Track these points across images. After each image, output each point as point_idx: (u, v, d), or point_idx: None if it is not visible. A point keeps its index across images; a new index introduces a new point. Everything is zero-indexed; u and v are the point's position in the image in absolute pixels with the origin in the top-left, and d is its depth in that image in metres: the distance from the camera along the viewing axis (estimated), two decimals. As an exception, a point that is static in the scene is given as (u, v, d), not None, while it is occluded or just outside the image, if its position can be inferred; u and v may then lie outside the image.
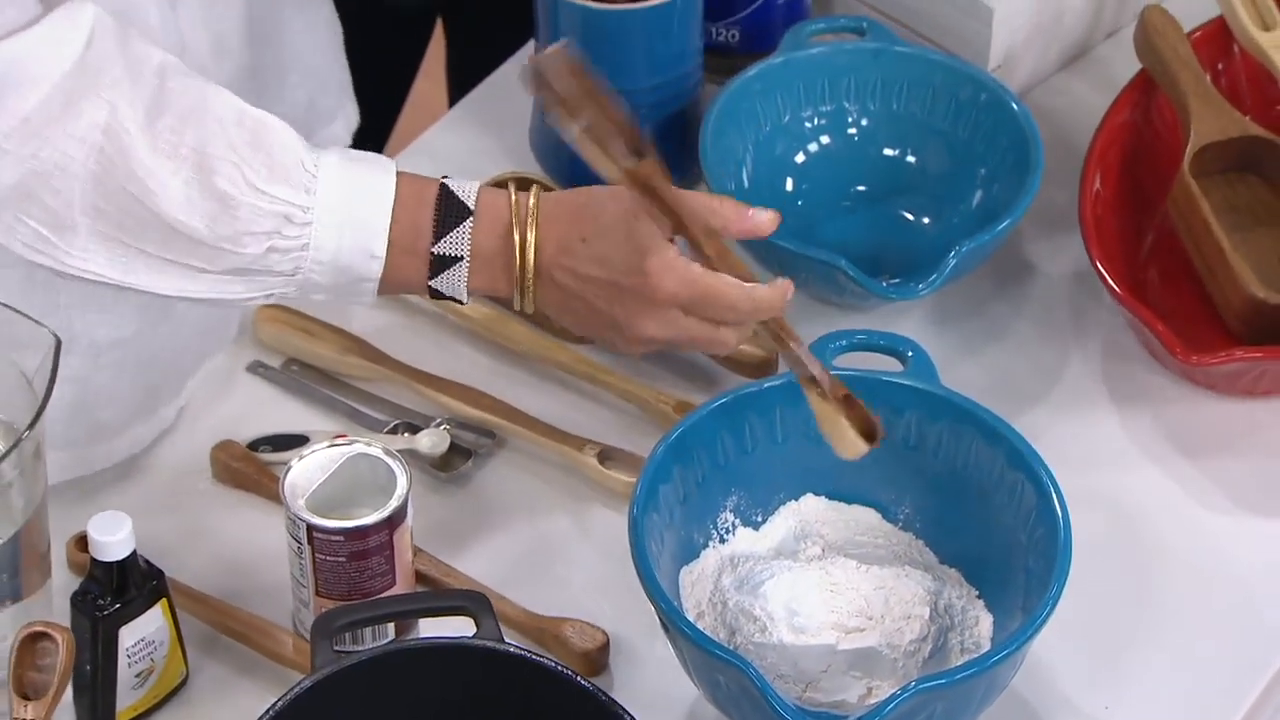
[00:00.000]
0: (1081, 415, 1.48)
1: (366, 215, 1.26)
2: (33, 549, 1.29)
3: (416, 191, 1.28)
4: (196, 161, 1.24)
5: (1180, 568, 1.40)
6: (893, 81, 1.55)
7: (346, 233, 1.26)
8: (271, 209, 1.25)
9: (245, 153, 1.25)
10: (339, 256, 1.27)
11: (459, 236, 1.27)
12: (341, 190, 1.26)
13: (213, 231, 1.25)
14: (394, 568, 1.32)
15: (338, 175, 1.26)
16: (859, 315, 1.51)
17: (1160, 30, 1.55)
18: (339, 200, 1.26)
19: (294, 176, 1.25)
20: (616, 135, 1.23)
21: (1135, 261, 1.53)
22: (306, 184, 1.26)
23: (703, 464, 1.35)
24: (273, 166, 1.25)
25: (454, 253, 1.27)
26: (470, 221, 1.27)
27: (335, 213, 1.26)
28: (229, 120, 1.25)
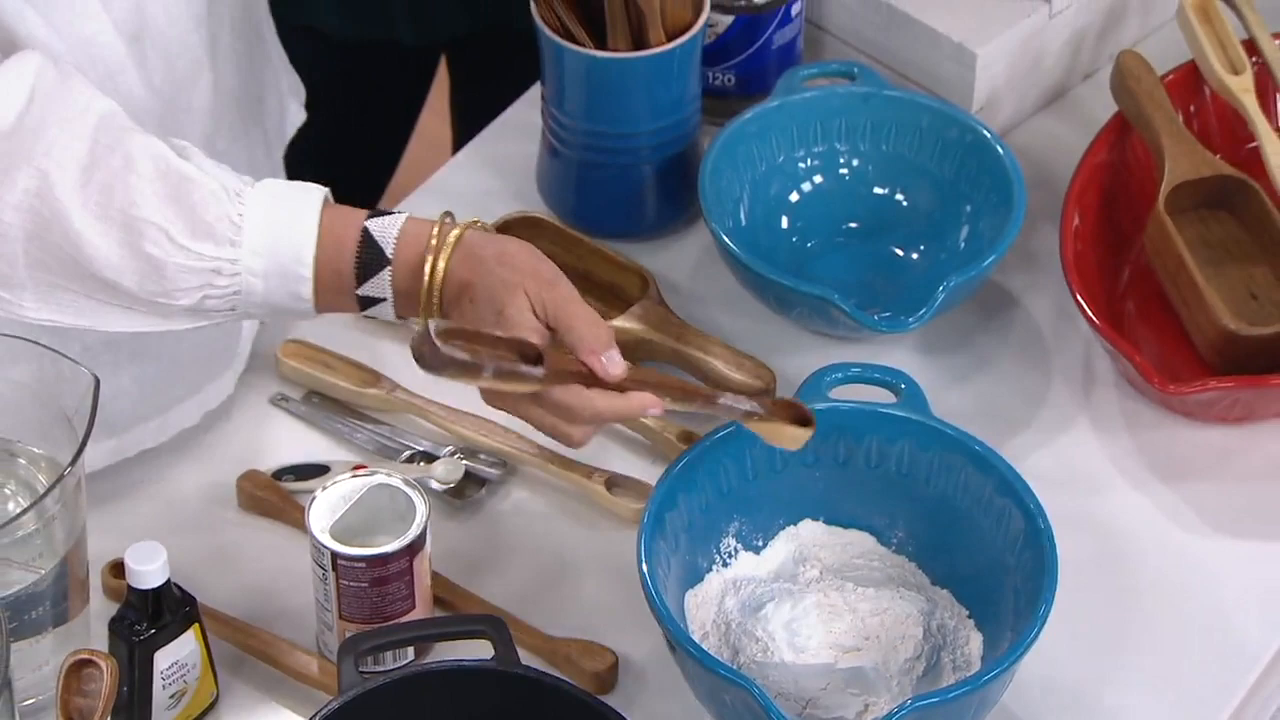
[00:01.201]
0: (1064, 441, 1.52)
1: (289, 261, 1.29)
2: (74, 577, 1.33)
3: (338, 236, 1.29)
4: (124, 223, 1.27)
5: (1159, 588, 1.44)
6: (882, 123, 1.59)
7: (273, 279, 1.29)
8: (199, 265, 1.28)
9: (169, 211, 1.27)
10: (269, 299, 1.30)
11: (379, 282, 1.30)
12: (265, 240, 1.28)
13: (143, 289, 1.28)
14: (414, 592, 1.37)
15: (262, 225, 1.28)
16: (852, 346, 1.55)
17: (1134, 74, 1.59)
18: (263, 251, 1.28)
19: (218, 231, 1.28)
20: (513, 359, 1.26)
21: (1113, 294, 1.57)
22: (231, 237, 1.28)
23: (706, 492, 1.40)
24: (195, 223, 1.28)
25: (377, 294, 1.30)
26: (389, 270, 1.30)
27: (261, 262, 1.29)
28: (154, 176, 1.27)
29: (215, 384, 1.52)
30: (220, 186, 1.29)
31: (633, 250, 1.60)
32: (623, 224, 1.63)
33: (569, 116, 1.59)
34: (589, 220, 1.62)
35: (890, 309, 1.52)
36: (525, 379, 1.26)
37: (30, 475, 1.35)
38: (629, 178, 1.60)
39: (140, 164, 1.28)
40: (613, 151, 1.59)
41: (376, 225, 1.30)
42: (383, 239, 1.30)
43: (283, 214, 1.29)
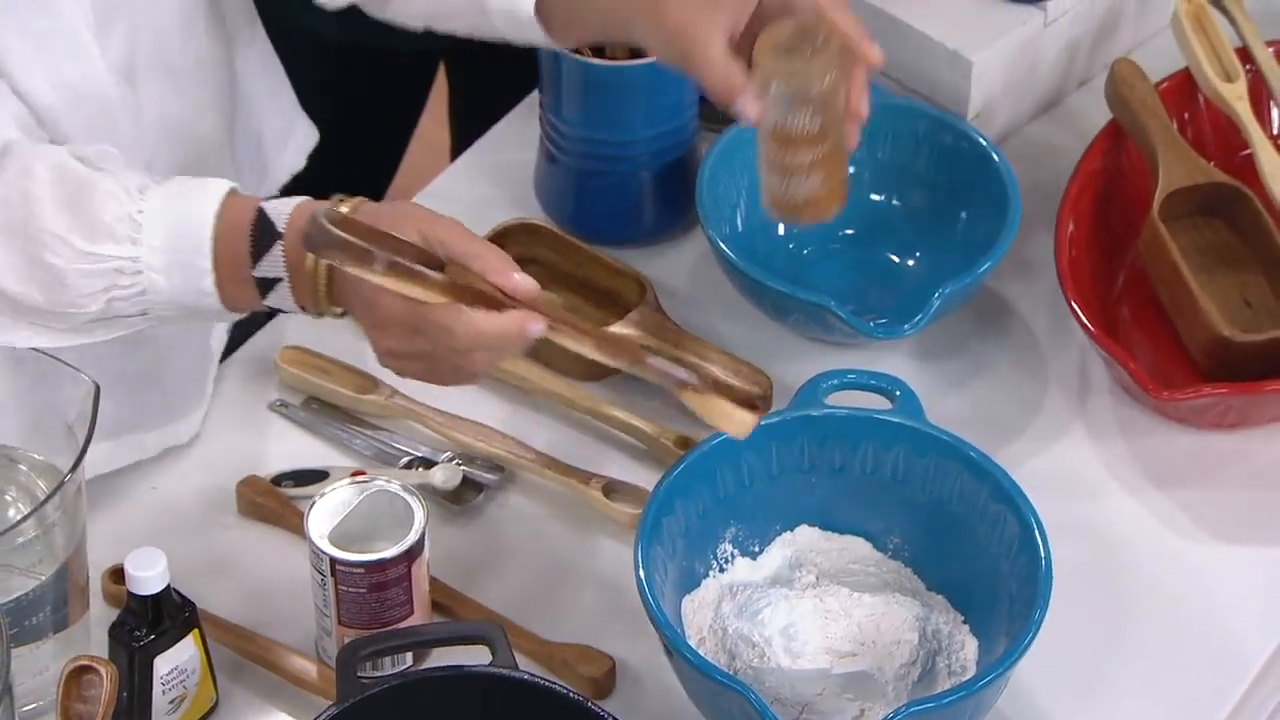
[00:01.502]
0: (1059, 447, 1.53)
1: (188, 256, 1.28)
2: (74, 583, 1.34)
3: (235, 220, 1.28)
4: (25, 234, 1.27)
5: (1154, 593, 1.45)
6: (879, 131, 1.59)
7: (175, 274, 1.28)
8: (101, 268, 1.28)
9: (66, 218, 1.27)
10: (175, 296, 1.29)
11: (273, 259, 1.28)
12: (165, 234, 1.28)
13: (50, 300, 1.28)
14: (412, 598, 1.37)
15: (161, 220, 1.28)
16: (848, 352, 1.56)
17: (1129, 82, 1.60)
18: (162, 245, 1.28)
19: (118, 231, 1.27)
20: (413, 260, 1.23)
21: (1108, 301, 1.58)
22: (131, 235, 1.28)
23: (703, 498, 1.40)
24: (94, 226, 1.27)
25: (273, 274, 1.28)
26: (280, 243, 1.27)
27: (161, 256, 1.28)
28: (50, 183, 1.27)
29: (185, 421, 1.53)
30: (120, 187, 1.28)
31: (630, 257, 1.61)
32: (620, 230, 1.63)
33: (567, 124, 1.59)
34: (587, 227, 1.62)
35: (886, 315, 1.53)
36: (421, 280, 1.22)
37: (30, 482, 1.35)
38: (627, 185, 1.61)
39: (37, 172, 1.28)
40: (610, 159, 1.60)
41: (272, 205, 1.29)
42: (276, 216, 1.28)
43: (182, 207, 1.29)
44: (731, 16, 1.31)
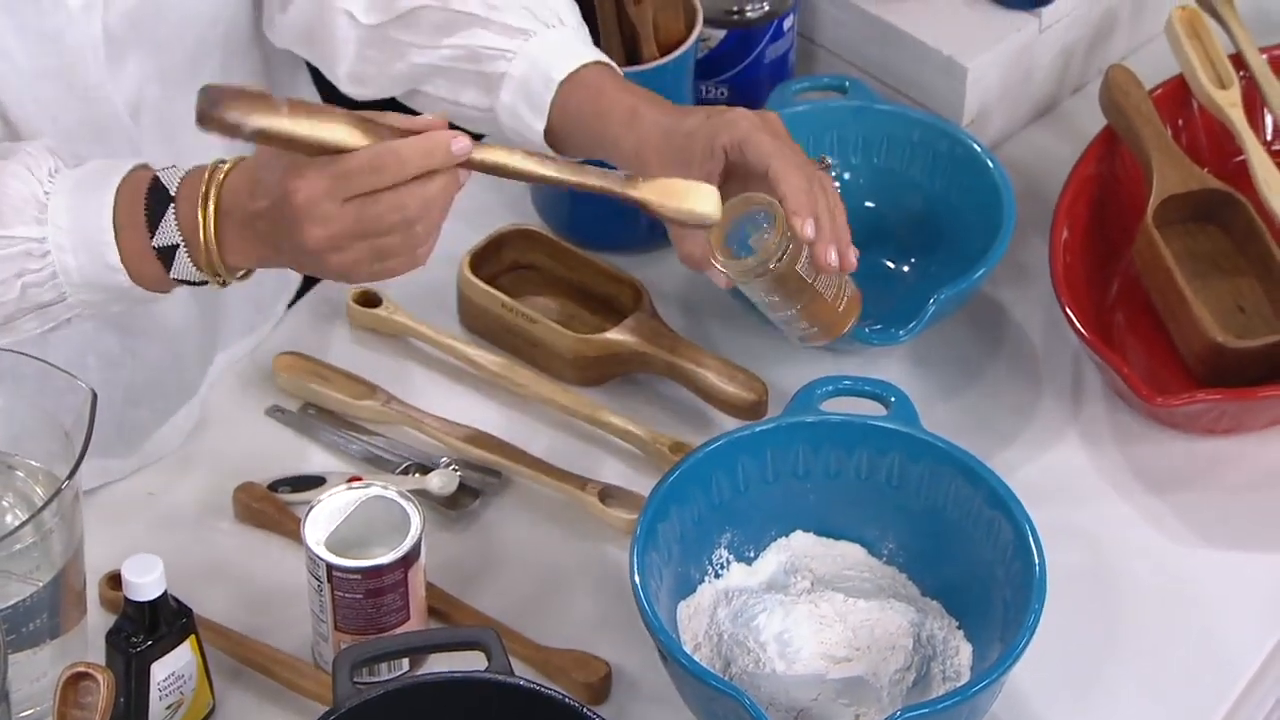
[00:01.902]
0: (1053, 452, 1.53)
1: (91, 230, 1.27)
2: (71, 589, 1.34)
3: (132, 193, 1.27)
4: None
5: (1148, 598, 1.45)
6: (873, 137, 1.61)
7: (81, 252, 1.28)
8: (10, 251, 1.28)
9: None
10: (84, 275, 1.29)
11: (168, 225, 1.27)
12: (68, 212, 1.28)
13: None
14: (408, 603, 1.38)
15: (66, 199, 1.28)
16: (843, 358, 1.56)
17: (1123, 88, 1.61)
18: (66, 222, 1.28)
19: (25, 212, 1.28)
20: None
21: (1102, 306, 1.58)
22: (37, 215, 1.28)
23: (698, 504, 1.41)
24: (2, 209, 1.28)
25: (170, 241, 1.27)
26: (173, 207, 1.27)
27: (66, 235, 1.28)
28: None
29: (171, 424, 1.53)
30: (27, 169, 1.29)
31: (627, 263, 1.62)
32: (617, 237, 1.64)
33: (563, 130, 1.60)
34: (583, 233, 1.63)
35: (882, 321, 1.53)
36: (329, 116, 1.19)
37: (28, 488, 1.36)
38: (623, 191, 1.61)
39: None
40: (607, 164, 1.59)
41: (166, 173, 1.28)
42: (169, 182, 1.28)
43: (89, 184, 1.29)
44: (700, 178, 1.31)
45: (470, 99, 1.41)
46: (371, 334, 1.60)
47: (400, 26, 1.41)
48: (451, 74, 1.41)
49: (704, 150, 1.33)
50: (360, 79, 1.45)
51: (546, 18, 1.39)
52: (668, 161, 1.34)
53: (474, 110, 1.42)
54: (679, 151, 1.34)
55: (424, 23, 1.41)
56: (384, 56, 1.42)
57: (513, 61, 1.38)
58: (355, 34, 1.42)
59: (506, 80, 1.39)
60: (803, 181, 1.32)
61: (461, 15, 1.39)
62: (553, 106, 1.38)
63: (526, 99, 1.38)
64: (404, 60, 1.42)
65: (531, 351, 1.57)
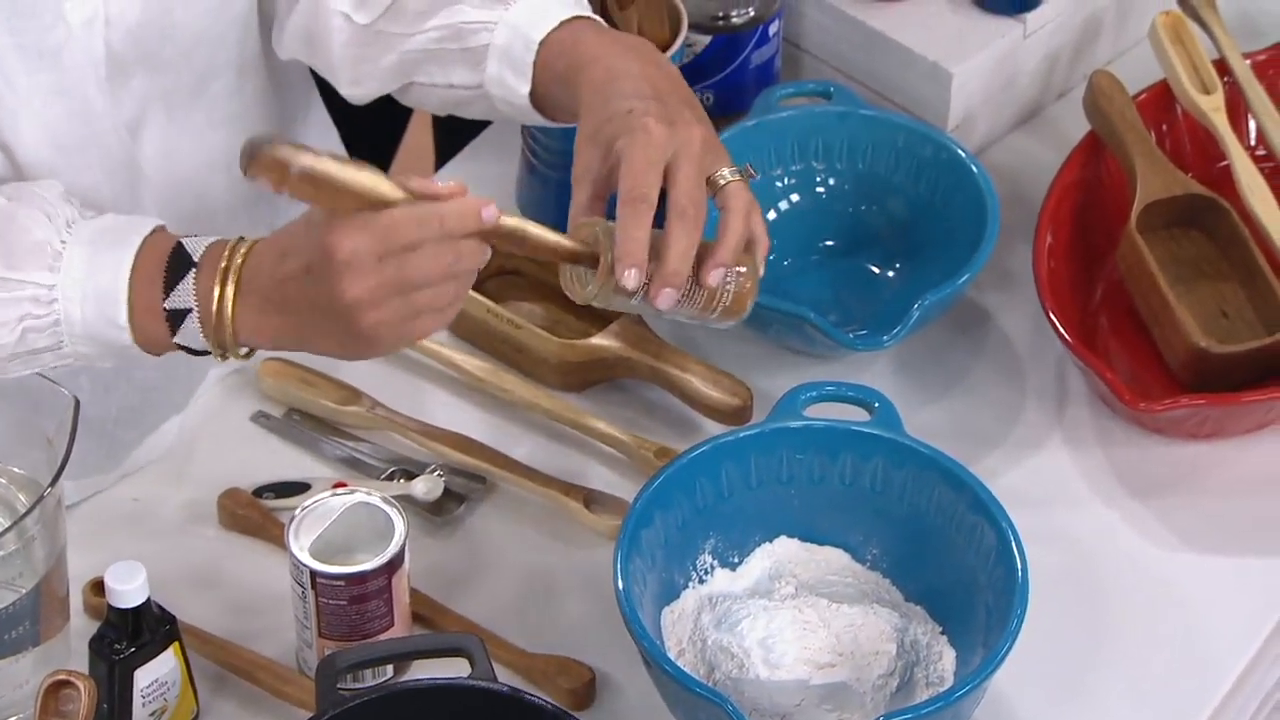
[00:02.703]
0: (1037, 457, 1.53)
1: (105, 284, 1.28)
2: (53, 596, 1.34)
3: (154, 254, 1.28)
4: None
5: (1131, 603, 1.45)
6: (858, 142, 1.61)
7: (89, 304, 1.28)
8: (17, 295, 1.28)
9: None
10: (88, 328, 1.29)
11: (184, 288, 1.28)
12: (83, 264, 1.28)
13: None
14: (392, 610, 1.38)
15: (83, 250, 1.28)
16: (828, 364, 1.56)
17: (1107, 93, 1.61)
18: (80, 274, 1.28)
19: (38, 259, 1.28)
20: None
21: (1086, 311, 1.58)
22: (50, 263, 1.28)
23: (682, 509, 1.41)
24: (13, 254, 1.27)
25: (183, 305, 1.28)
26: (193, 273, 1.27)
27: (77, 286, 1.28)
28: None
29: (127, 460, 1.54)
30: (45, 215, 1.29)
31: (611, 268, 1.62)
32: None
33: (547, 136, 1.60)
34: (567, 238, 1.63)
35: (866, 327, 1.54)
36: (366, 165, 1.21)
37: (11, 495, 1.36)
38: (607, 197, 1.61)
39: None
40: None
41: (191, 241, 1.29)
42: (193, 249, 1.29)
43: (108, 239, 1.29)
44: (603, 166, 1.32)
45: (460, 78, 1.41)
46: (357, 340, 1.60)
47: (388, 19, 1.41)
48: (439, 56, 1.40)
49: (607, 142, 1.31)
50: (357, 80, 1.45)
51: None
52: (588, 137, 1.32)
53: (465, 90, 1.41)
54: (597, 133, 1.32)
55: (407, 10, 1.41)
56: (376, 52, 1.43)
57: (494, 31, 1.38)
58: (349, 35, 1.43)
59: (491, 51, 1.38)
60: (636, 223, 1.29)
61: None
62: (535, 68, 1.37)
63: (510, 65, 1.38)
64: (393, 51, 1.42)
65: (516, 357, 1.57)
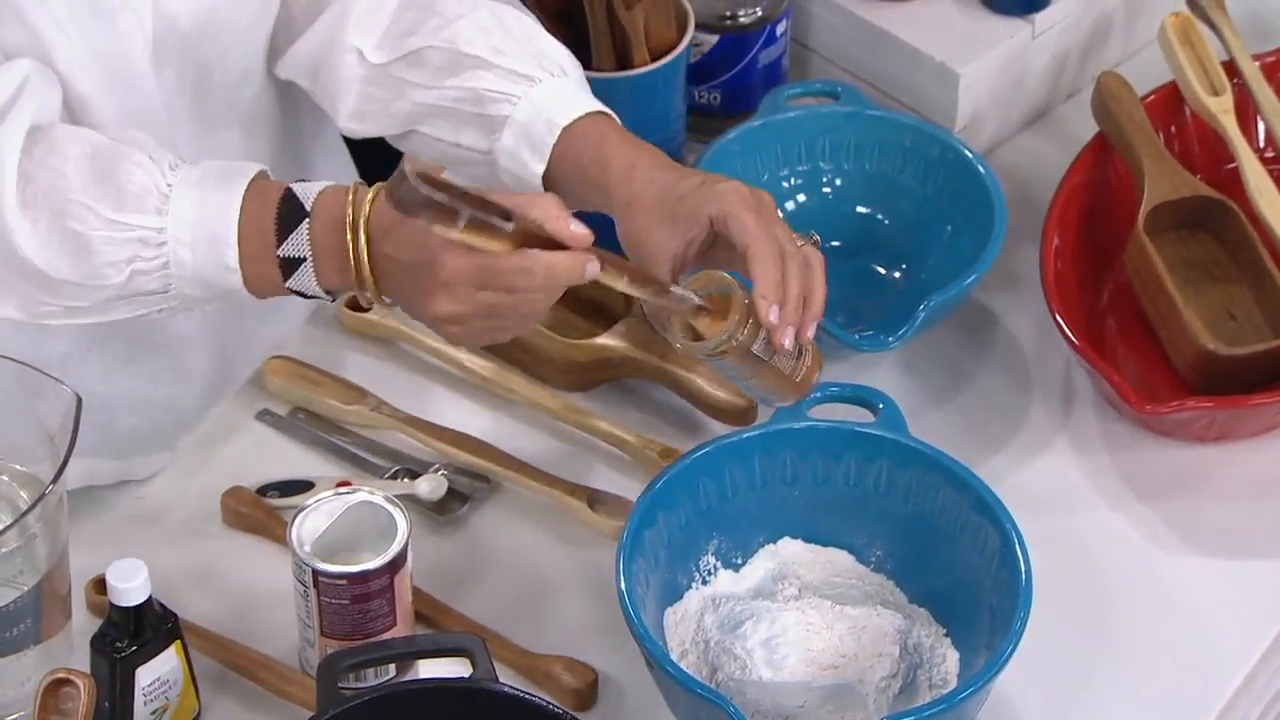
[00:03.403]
0: (1043, 459, 1.53)
1: (215, 228, 1.30)
2: (55, 594, 1.34)
3: (262, 199, 1.30)
4: (50, 206, 1.29)
5: (1135, 605, 1.45)
6: (865, 143, 1.61)
7: (200, 247, 1.30)
8: (126, 236, 1.29)
9: (94, 189, 1.29)
10: (198, 271, 1.31)
11: (299, 238, 1.30)
12: (192, 207, 1.30)
13: (76, 270, 1.30)
14: (395, 609, 1.37)
15: (191, 193, 1.30)
16: (833, 365, 1.54)
17: (1115, 95, 1.60)
18: (190, 217, 1.30)
19: (146, 201, 1.29)
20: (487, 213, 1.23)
21: (1094, 313, 1.58)
22: (158, 206, 1.30)
23: (685, 510, 1.40)
24: (123, 196, 1.29)
25: (297, 254, 1.30)
26: (307, 222, 1.29)
27: (187, 229, 1.30)
28: (79, 157, 1.30)
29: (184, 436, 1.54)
30: (150, 160, 1.30)
31: (617, 268, 1.61)
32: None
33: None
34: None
35: (872, 327, 1.53)
36: (496, 233, 1.23)
37: (13, 493, 1.36)
38: (614, 196, 1.61)
39: (66, 147, 1.30)
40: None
41: (300, 187, 1.31)
42: (304, 196, 1.30)
43: (211, 184, 1.31)
44: (684, 240, 1.34)
45: (469, 140, 1.42)
46: (362, 338, 1.60)
47: (405, 65, 1.42)
48: (452, 115, 1.42)
49: (690, 216, 1.35)
50: (361, 116, 1.45)
51: (551, 67, 1.41)
52: (655, 220, 1.35)
53: (472, 151, 1.42)
54: (669, 213, 1.35)
55: (429, 63, 1.42)
56: (387, 95, 1.44)
57: (516, 105, 1.39)
58: (361, 71, 1.43)
59: (509, 124, 1.40)
60: (775, 267, 1.33)
61: (467, 57, 1.41)
62: (554, 151, 1.39)
63: (528, 142, 1.40)
64: (405, 99, 1.43)
65: (521, 356, 1.57)
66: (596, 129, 1.39)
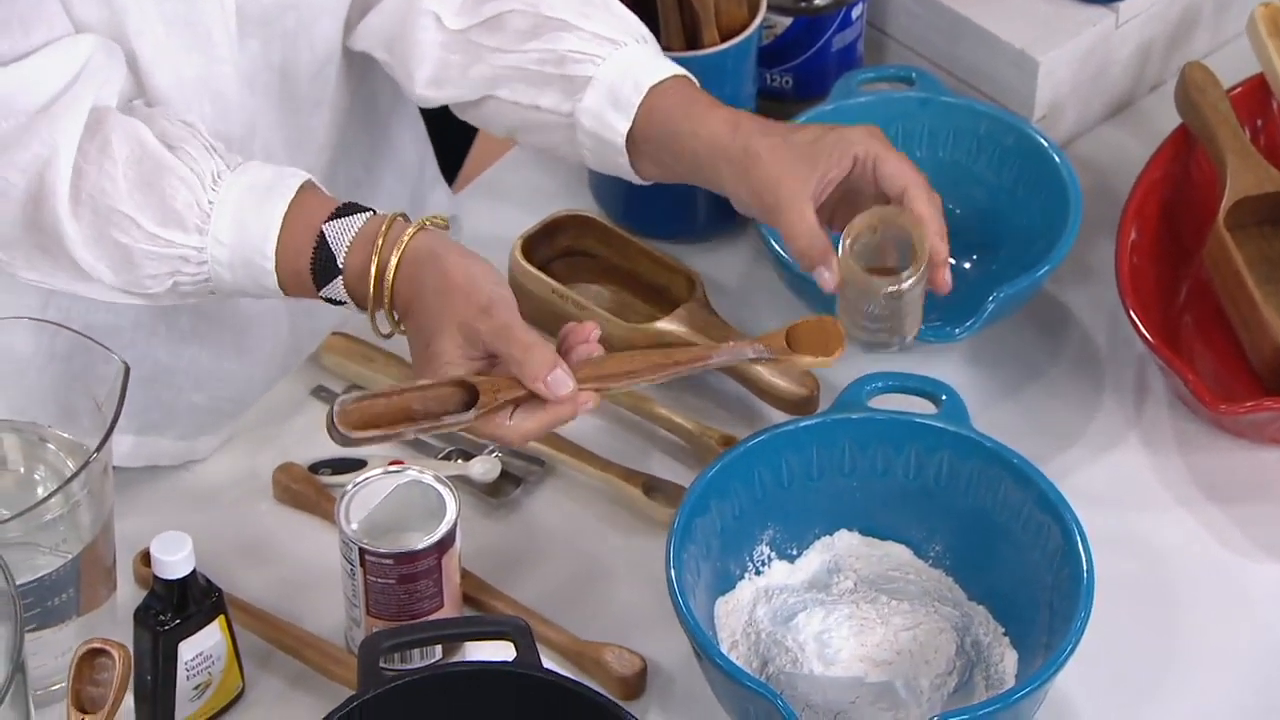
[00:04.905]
0: (1113, 458, 1.49)
1: (253, 255, 1.30)
2: (98, 565, 1.33)
3: (296, 239, 1.30)
4: (96, 209, 1.29)
5: (1205, 610, 1.41)
6: (939, 130, 1.57)
7: (239, 269, 1.30)
8: (166, 252, 1.29)
9: (139, 198, 1.29)
10: (239, 286, 1.31)
11: (335, 288, 1.31)
12: (231, 230, 1.29)
13: (117, 277, 1.30)
14: (442, 590, 1.36)
15: (230, 214, 1.29)
16: (900, 356, 1.52)
17: (1200, 86, 1.57)
18: (228, 239, 1.29)
19: (187, 219, 1.29)
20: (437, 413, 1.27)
21: (1170, 310, 1.55)
22: (199, 224, 1.29)
23: (740, 498, 1.38)
24: (165, 211, 1.29)
25: (336, 298, 1.32)
26: (340, 279, 1.30)
27: (227, 251, 1.30)
28: (128, 161, 1.29)
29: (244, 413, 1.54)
30: (194, 173, 1.30)
31: (684, 253, 1.59)
32: (674, 226, 1.61)
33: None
34: (639, 221, 1.60)
35: (941, 319, 1.50)
36: (454, 426, 1.27)
37: (59, 461, 1.35)
38: (681, 179, 1.59)
39: (116, 149, 1.29)
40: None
41: (333, 229, 1.31)
42: (336, 244, 1.30)
43: (252, 203, 1.30)
44: (823, 181, 1.37)
45: (550, 102, 1.41)
46: (422, 317, 1.58)
47: (484, 31, 1.41)
48: (533, 76, 1.41)
49: (830, 156, 1.36)
50: (439, 82, 1.44)
51: (635, 33, 1.41)
52: (790, 163, 1.36)
53: (552, 114, 1.41)
54: (805, 155, 1.36)
55: (509, 27, 1.41)
56: (465, 60, 1.43)
57: (600, 66, 1.39)
58: (440, 37, 1.42)
59: (593, 84, 1.39)
60: (936, 207, 1.37)
61: (551, 20, 1.40)
62: (640, 109, 1.39)
63: (613, 101, 1.39)
64: (485, 63, 1.42)
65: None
66: (683, 91, 1.40)
